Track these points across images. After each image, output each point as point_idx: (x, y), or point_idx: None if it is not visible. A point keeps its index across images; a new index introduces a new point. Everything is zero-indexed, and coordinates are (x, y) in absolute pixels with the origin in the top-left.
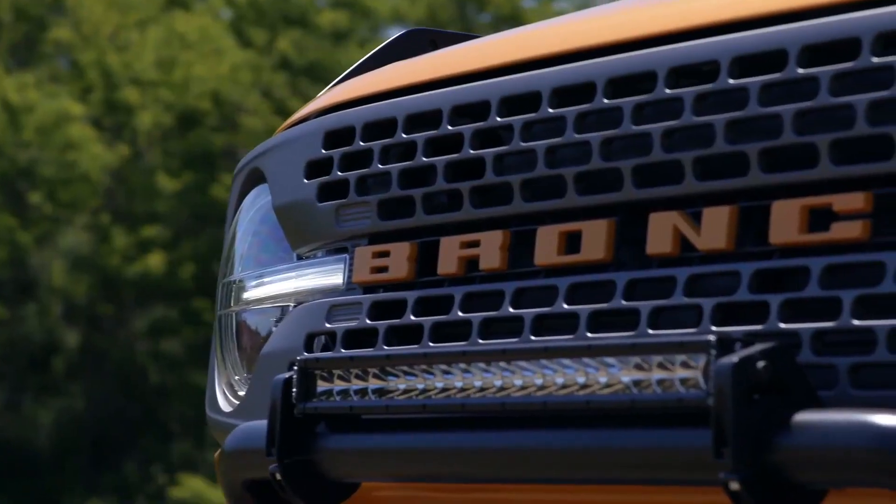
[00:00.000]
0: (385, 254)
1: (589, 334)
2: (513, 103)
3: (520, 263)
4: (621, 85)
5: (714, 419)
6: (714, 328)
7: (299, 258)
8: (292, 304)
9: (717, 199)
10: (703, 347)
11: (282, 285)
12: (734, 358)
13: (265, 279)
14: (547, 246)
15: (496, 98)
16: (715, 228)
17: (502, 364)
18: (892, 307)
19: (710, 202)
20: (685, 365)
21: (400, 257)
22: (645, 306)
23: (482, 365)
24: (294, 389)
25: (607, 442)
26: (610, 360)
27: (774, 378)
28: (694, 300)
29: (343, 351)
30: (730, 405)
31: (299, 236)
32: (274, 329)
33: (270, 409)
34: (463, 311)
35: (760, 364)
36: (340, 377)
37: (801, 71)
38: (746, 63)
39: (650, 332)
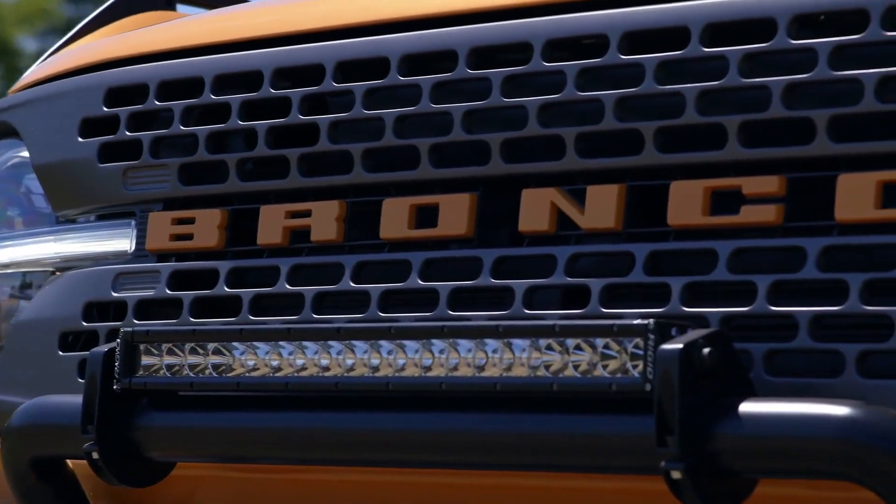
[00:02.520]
0: (188, 220)
1: (450, 311)
2: (353, 68)
3: (363, 236)
4: (485, 55)
5: (657, 407)
6: (603, 309)
7: (63, 221)
8: (53, 270)
9: (604, 177)
10: (641, 332)
11: (41, 249)
12: (679, 344)
13: (20, 242)
14: (395, 219)
15: (332, 62)
16: (601, 207)
17: (348, 341)
18: (812, 293)
19: (595, 180)
20: (613, 348)
21: (208, 225)
22: (519, 285)
23: (336, 342)
24: (116, 363)
25: (512, 427)
26: (519, 341)
27: (716, 365)
28: (579, 280)
29: (190, 322)
30: (676, 393)
31: (67, 198)
32: (34, 297)
33: (88, 383)
34: (292, 285)
35: (706, 350)
36: (170, 352)
37: (706, 49)
38: (639, 39)
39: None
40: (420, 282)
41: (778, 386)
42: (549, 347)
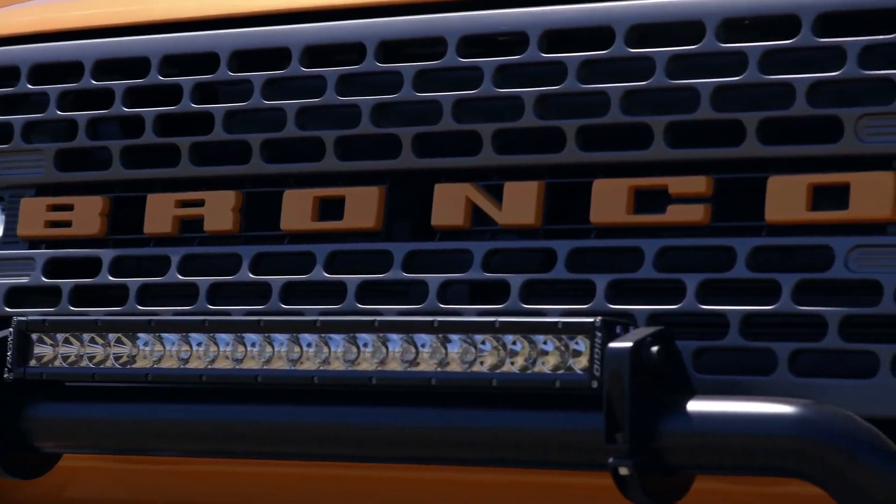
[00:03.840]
0: (66, 207)
1: (359, 304)
2: (251, 58)
3: (261, 228)
4: (395, 49)
5: (606, 403)
6: (524, 305)
7: None
8: None
9: (522, 174)
10: (587, 329)
11: None
12: (628, 342)
13: None
14: (296, 211)
15: (227, 51)
16: (519, 203)
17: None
18: (743, 293)
19: (514, 176)
20: (556, 344)
21: (89, 212)
22: (433, 280)
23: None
24: (8, 353)
25: (457, 423)
26: (455, 337)
27: (663, 363)
28: (498, 276)
29: (70, 311)
30: (626, 390)
31: None
32: None
33: None
34: (184, 274)
35: (654, 349)
36: (66, 341)
37: (632, 50)
38: (561, 37)
39: (523, 307)
40: (325, 274)
41: (706, 384)
42: (483, 343)
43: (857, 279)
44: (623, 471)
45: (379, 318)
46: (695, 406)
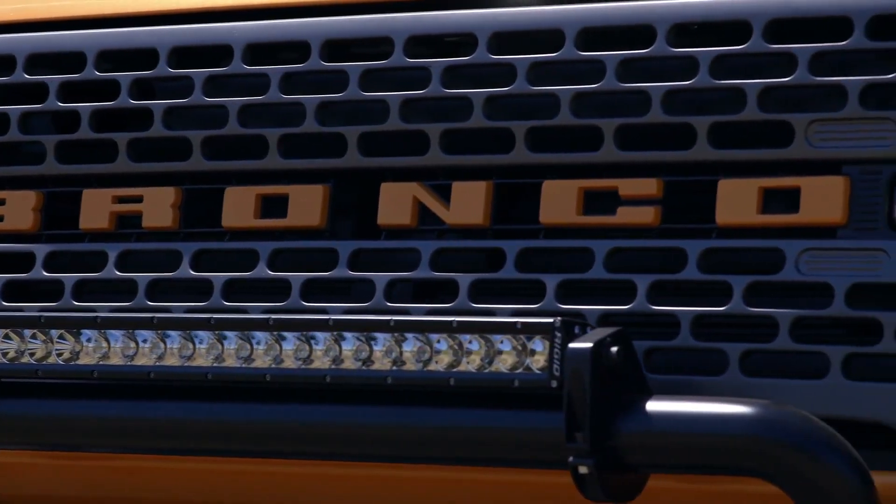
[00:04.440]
0: None
1: (304, 302)
2: (191, 54)
3: (202, 224)
4: (340, 47)
5: (567, 403)
6: (473, 305)
7: None
8: None
9: (471, 174)
10: (547, 330)
11: None
12: (589, 343)
13: None
14: (238, 208)
15: (167, 47)
16: (467, 203)
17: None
18: (694, 293)
19: (462, 176)
20: (514, 344)
21: (21, 207)
22: (380, 278)
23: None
24: None
25: (417, 421)
26: (410, 336)
27: (621, 363)
28: (446, 275)
29: (2, 307)
30: (587, 390)
31: None
32: None
33: None
34: (122, 270)
35: (613, 349)
36: (7, 337)
37: (582, 53)
38: (506, 40)
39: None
40: (269, 272)
41: (657, 383)
42: (439, 342)
43: (807, 282)
44: (583, 469)
45: (333, 316)
46: (654, 406)
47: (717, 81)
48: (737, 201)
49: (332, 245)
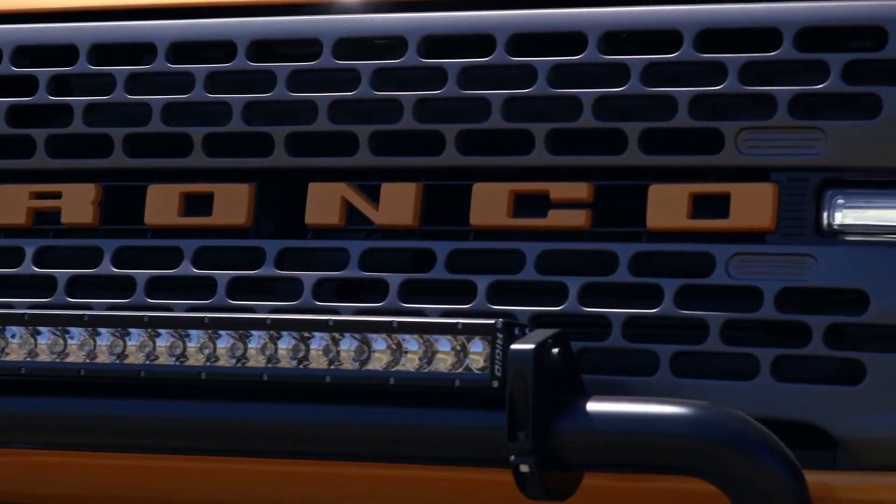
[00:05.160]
0: None
1: (230, 300)
2: (113, 52)
3: (124, 222)
4: (265, 48)
5: (509, 403)
6: (403, 304)
7: None
8: None
9: (400, 175)
10: (488, 331)
11: None
12: (531, 344)
13: None
14: (161, 206)
15: (87, 44)
16: (396, 204)
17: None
18: (625, 295)
19: (391, 178)
20: (453, 344)
21: None
22: (308, 277)
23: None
24: None
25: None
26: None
27: (561, 364)
28: (375, 275)
29: None
30: (529, 390)
31: None
32: None
33: None
34: (40, 266)
35: (555, 350)
36: None
37: (513, 58)
38: (436, 43)
39: (404, 305)
40: (194, 270)
41: (590, 383)
42: (377, 342)
43: (737, 285)
44: (524, 468)
45: (271, 315)
46: (595, 406)
47: (648, 88)
48: (667, 206)
49: (259, 244)
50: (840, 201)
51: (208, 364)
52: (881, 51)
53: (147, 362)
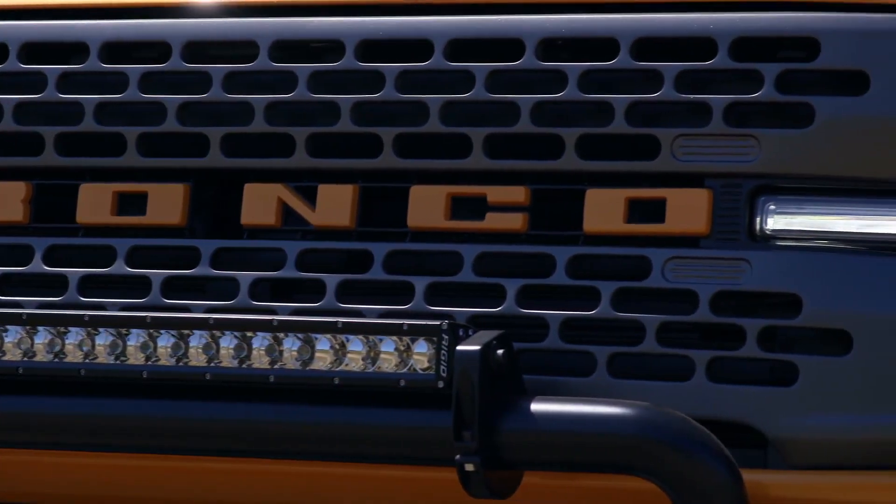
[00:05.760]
0: None
1: (165, 299)
2: (45, 51)
3: (57, 220)
4: (200, 49)
5: (455, 403)
6: (340, 304)
7: None
8: None
9: (337, 177)
10: (434, 332)
11: None
12: (477, 345)
13: None
14: (94, 204)
15: (17, 42)
16: (333, 205)
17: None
18: (563, 298)
19: (328, 179)
20: (398, 345)
21: None
22: (244, 277)
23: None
24: None
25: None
26: (296, 336)
27: (506, 364)
28: (312, 275)
29: None
30: (475, 390)
31: None
32: None
33: None
34: None
35: (500, 352)
36: None
37: (451, 63)
38: (373, 47)
39: (341, 306)
40: (128, 268)
41: (528, 383)
42: (321, 342)
43: (673, 288)
44: (469, 467)
45: (214, 315)
46: (539, 406)
47: (586, 95)
48: (604, 210)
49: (194, 243)
50: (772, 207)
51: (150, 363)
52: (814, 61)
53: (87, 361)
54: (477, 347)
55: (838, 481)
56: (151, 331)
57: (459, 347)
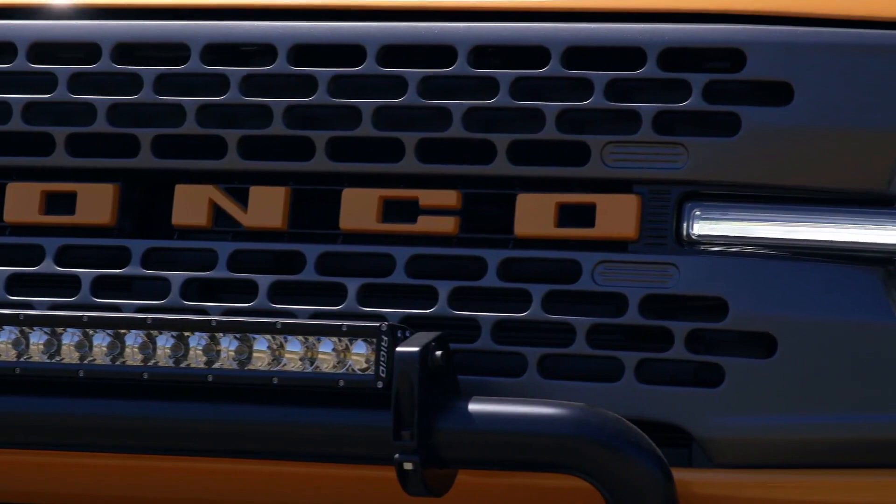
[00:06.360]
0: None
1: (95, 299)
2: None
3: None
4: (129, 51)
5: (395, 403)
6: (272, 305)
7: None
8: None
9: (269, 179)
10: (374, 333)
11: None
12: (416, 346)
13: None
14: (21, 204)
15: None
16: (265, 207)
17: None
18: (495, 299)
19: (259, 181)
20: (337, 346)
21: None
22: (176, 277)
23: None
24: None
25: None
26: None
27: (443, 365)
28: (244, 276)
29: None
30: (415, 391)
31: None
32: None
33: None
34: None
35: (438, 353)
36: None
37: (383, 69)
38: (304, 51)
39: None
40: (57, 267)
41: (461, 384)
42: (258, 342)
43: (603, 292)
44: (408, 466)
45: (152, 315)
46: (476, 406)
47: (517, 102)
48: (534, 214)
49: (125, 243)
50: (698, 213)
51: (86, 362)
52: (740, 72)
53: (21, 360)
54: (416, 349)
55: (761, 480)
56: (86, 330)
57: (399, 349)
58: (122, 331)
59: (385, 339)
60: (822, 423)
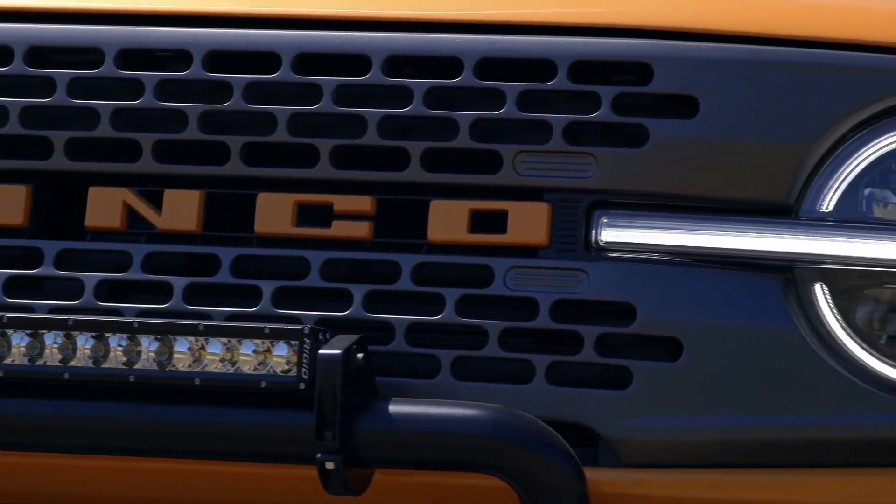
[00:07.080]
0: None
1: (7, 299)
2: None
3: None
4: (42, 54)
5: (318, 404)
6: (187, 306)
7: None
8: None
9: (184, 183)
10: (297, 335)
11: None
12: (338, 349)
13: None
14: None
15: None
16: (180, 210)
17: None
18: (409, 303)
19: (174, 185)
20: (256, 348)
21: None
22: (90, 278)
23: None
24: None
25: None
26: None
27: (364, 367)
28: (159, 277)
29: None
30: (337, 392)
31: None
32: None
33: None
34: None
35: (359, 355)
36: None
37: (298, 77)
38: (219, 58)
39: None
40: None
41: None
42: (179, 343)
43: (514, 296)
44: (329, 465)
45: (73, 316)
46: (396, 407)
47: (430, 110)
48: (447, 220)
49: (37, 244)
50: (605, 221)
51: (5, 363)
52: (647, 85)
53: None
54: (339, 351)
55: (667, 479)
56: (3, 330)
57: (322, 351)
58: (42, 331)
59: (307, 341)
60: (726, 425)
